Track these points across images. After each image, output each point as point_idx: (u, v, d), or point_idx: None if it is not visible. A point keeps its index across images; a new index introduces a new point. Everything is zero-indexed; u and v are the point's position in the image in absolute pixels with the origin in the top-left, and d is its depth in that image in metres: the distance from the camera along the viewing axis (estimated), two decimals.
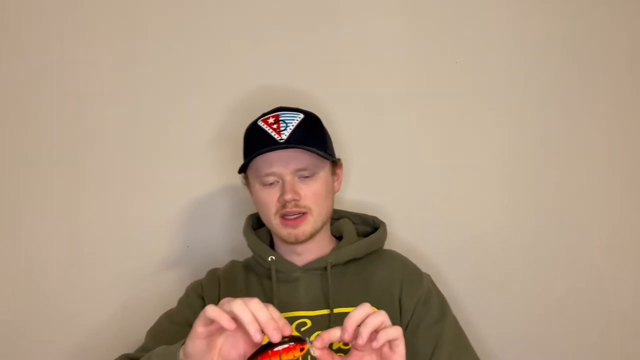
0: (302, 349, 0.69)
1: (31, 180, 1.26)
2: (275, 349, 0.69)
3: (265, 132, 0.99)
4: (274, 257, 1.02)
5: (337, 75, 1.30)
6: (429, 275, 1.07)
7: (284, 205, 0.98)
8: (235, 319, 0.70)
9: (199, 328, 0.71)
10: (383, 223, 1.11)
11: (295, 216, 0.98)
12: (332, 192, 1.04)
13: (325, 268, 1.02)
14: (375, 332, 0.72)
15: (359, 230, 1.11)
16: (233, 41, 1.29)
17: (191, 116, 1.29)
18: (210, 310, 0.70)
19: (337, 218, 1.13)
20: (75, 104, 1.27)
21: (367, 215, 1.14)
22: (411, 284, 1.02)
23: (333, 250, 1.06)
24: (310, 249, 1.04)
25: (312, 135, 1.01)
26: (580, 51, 1.31)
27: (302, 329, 0.97)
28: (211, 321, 0.70)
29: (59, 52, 1.27)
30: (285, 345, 0.69)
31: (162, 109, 1.28)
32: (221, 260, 1.17)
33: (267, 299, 0.99)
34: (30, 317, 1.25)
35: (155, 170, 1.28)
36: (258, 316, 0.69)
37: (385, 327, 0.72)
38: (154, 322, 1.06)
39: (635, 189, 1.31)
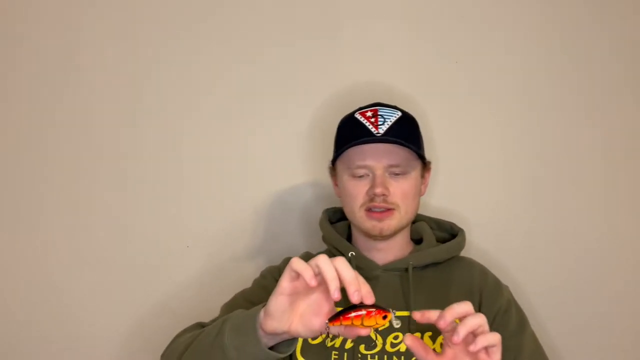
0: (385, 317, 0.68)
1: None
2: (357, 313, 0.68)
3: (362, 124, 0.99)
4: (353, 254, 1.02)
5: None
6: (507, 287, 1.05)
7: (372, 199, 0.98)
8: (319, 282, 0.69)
9: (284, 283, 0.71)
10: (462, 230, 1.10)
11: (381, 210, 0.98)
12: (419, 194, 1.04)
13: (406, 269, 1.01)
14: (472, 334, 0.72)
15: (435, 236, 1.10)
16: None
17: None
18: (296, 262, 0.70)
19: (413, 221, 1.11)
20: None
21: (444, 220, 1.13)
22: (491, 293, 1.00)
23: (412, 252, 1.05)
24: (390, 247, 1.03)
25: (409, 133, 1.01)
26: None
27: (380, 329, 0.95)
28: (297, 276, 0.70)
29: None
30: (366, 311, 0.69)
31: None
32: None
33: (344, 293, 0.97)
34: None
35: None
36: (342, 274, 0.68)
37: (483, 332, 0.72)
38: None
39: None
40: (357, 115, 1.02)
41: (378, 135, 0.97)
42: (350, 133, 1.00)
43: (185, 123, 1.29)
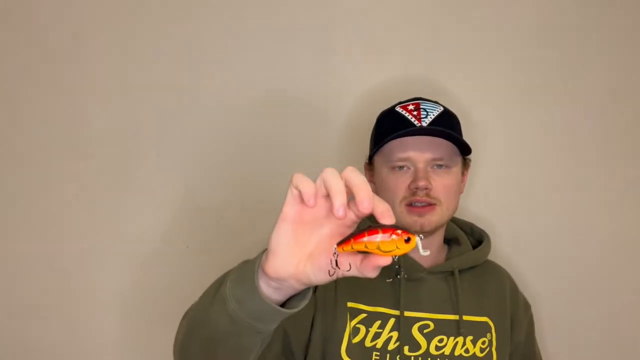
0: (407, 240, 0.53)
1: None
2: (372, 234, 0.53)
3: (404, 117, 0.97)
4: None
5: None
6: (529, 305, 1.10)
7: (413, 193, 0.94)
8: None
9: (286, 206, 0.57)
10: (488, 235, 1.08)
11: (423, 204, 0.93)
12: (459, 191, 1.00)
13: (451, 272, 0.98)
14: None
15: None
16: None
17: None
18: (297, 177, 0.56)
19: None
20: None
21: (476, 226, 1.11)
22: (517, 298, 1.06)
23: (453, 254, 1.02)
24: (429, 247, 0.98)
25: (453, 127, 0.98)
26: None
27: (425, 331, 0.92)
28: (299, 197, 0.56)
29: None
30: (382, 230, 0.53)
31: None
32: None
33: (396, 295, 0.94)
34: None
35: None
36: (352, 182, 0.53)
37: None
38: None
39: None
40: (398, 109, 0.99)
41: (422, 127, 0.94)
42: (392, 126, 0.97)
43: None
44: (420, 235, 0.54)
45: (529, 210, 1.30)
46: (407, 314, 0.92)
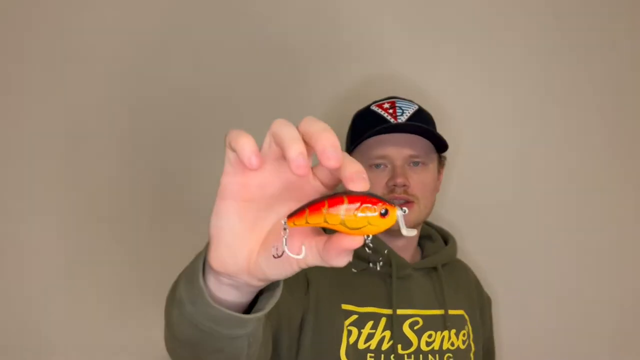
0: (384, 213, 0.39)
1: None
2: (336, 205, 0.39)
3: (380, 115, 0.97)
4: (386, 251, 0.96)
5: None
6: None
7: (392, 190, 0.93)
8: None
9: (225, 177, 0.44)
10: (452, 236, 1.09)
11: (401, 202, 0.93)
12: (436, 189, 1.00)
13: (434, 268, 1.00)
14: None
15: None
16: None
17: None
18: (231, 134, 0.42)
19: None
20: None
21: (443, 228, 1.12)
22: (482, 292, 1.10)
23: (429, 250, 1.03)
24: (410, 245, 1.01)
25: (428, 124, 0.99)
26: None
27: (415, 328, 0.92)
28: (239, 161, 0.42)
29: None
30: (348, 198, 0.39)
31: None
32: None
33: (387, 293, 0.93)
34: None
35: None
36: (310, 130, 0.40)
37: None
38: None
39: None
40: (374, 107, 1.00)
41: (398, 124, 0.94)
42: (368, 124, 0.97)
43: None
44: (404, 208, 0.40)
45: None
46: (399, 312, 0.91)
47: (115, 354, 1.13)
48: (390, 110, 0.97)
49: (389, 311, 0.91)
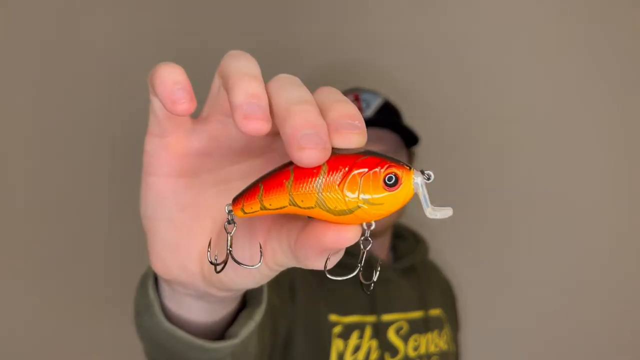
0: (391, 182, 0.26)
1: None
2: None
3: None
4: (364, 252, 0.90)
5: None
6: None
7: None
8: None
9: (149, 141, 0.31)
10: (420, 234, 1.05)
11: None
12: None
13: (412, 267, 0.95)
14: None
15: None
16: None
17: None
18: (155, 71, 0.28)
19: None
20: None
21: (410, 226, 1.07)
22: (454, 292, 1.05)
23: (403, 249, 0.98)
24: (384, 246, 0.95)
25: (396, 117, 0.94)
26: None
27: (401, 333, 0.88)
28: (162, 109, 0.30)
29: None
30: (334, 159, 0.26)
31: None
32: None
33: (369, 298, 0.87)
34: None
35: None
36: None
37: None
38: None
39: None
40: None
41: (366, 118, 0.88)
42: None
43: None
44: (427, 172, 0.26)
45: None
46: (383, 317, 0.87)
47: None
48: (355, 104, 0.87)
49: (372, 318, 0.86)
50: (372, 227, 0.27)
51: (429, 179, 0.26)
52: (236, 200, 0.27)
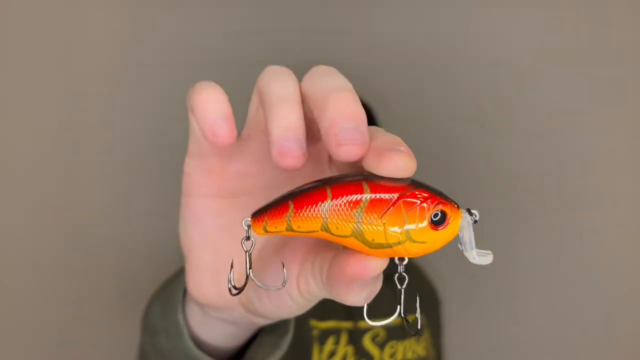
0: (437, 219, 0.25)
1: None
2: (350, 195, 0.24)
3: None
4: None
5: None
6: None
7: None
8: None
9: (188, 163, 0.30)
10: None
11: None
12: None
13: (390, 274, 0.95)
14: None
15: None
16: None
17: None
18: (197, 90, 0.27)
19: None
20: None
21: None
22: (436, 293, 1.04)
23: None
24: None
25: (372, 118, 0.92)
26: None
27: (377, 339, 0.88)
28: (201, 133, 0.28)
29: None
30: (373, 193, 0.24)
31: None
32: None
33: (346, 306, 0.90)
34: None
35: None
36: (318, 89, 0.26)
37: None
38: None
39: None
40: None
41: None
42: None
43: None
44: (473, 212, 0.25)
45: None
46: (360, 324, 0.86)
47: None
48: None
49: (349, 324, 0.86)
50: (405, 262, 0.27)
51: (475, 220, 0.25)
52: (258, 215, 0.25)
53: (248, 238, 0.26)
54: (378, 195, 0.23)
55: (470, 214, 0.25)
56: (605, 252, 1.11)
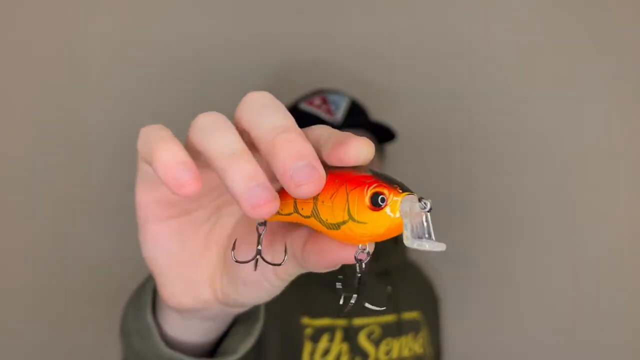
0: (376, 200, 0.25)
1: None
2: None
3: (314, 114, 0.88)
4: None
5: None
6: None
7: None
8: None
9: (140, 196, 0.32)
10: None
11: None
12: None
13: (387, 271, 0.92)
14: None
15: None
16: None
17: None
18: (144, 135, 0.29)
19: None
20: None
21: None
22: (434, 290, 1.03)
23: (380, 252, 0.91)
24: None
25: (365, 116, 0.93)
26: None
27: (372, 337, 0.88)
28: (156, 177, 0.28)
29: None
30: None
31: None
32: None
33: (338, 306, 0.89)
34: None
35: None
36: (252, 124, 0.27)
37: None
38: None
39: None
40: (303, 106, 0.90)
41: (337, 123, 0.86)
42: (303, 125, 0.87)
43: None
44: (424, 201, 0.25)
45: None
46: (355, 321, 0.87)
47: None
48: (324, 107, 0.89)
49: (343, 322, 0.86)
50: (366, 250, 0.28)
51: (424, 207, 0.25)
52: None
53: (262, 223, 0.29)
54: (332, 180, 0.26)
55: (422, 202, 0.25)
56: (605, 252, 1.11)
